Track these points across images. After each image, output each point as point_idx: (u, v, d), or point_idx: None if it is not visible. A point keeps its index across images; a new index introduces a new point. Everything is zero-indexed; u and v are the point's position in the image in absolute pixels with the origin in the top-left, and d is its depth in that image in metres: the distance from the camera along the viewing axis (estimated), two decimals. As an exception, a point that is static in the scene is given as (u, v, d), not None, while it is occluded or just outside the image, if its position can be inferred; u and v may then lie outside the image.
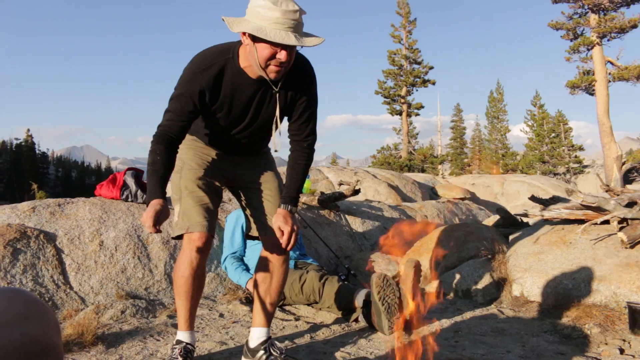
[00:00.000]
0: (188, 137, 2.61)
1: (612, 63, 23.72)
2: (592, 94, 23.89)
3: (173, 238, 2.59)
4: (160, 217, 2.18)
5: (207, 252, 2.56)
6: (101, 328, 3.18)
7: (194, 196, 2.52)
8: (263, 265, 2.68)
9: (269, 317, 2.71)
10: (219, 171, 2.67)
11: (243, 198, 2.75)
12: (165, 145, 2.35)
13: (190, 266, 2.49)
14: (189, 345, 2.58)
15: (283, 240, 2.45)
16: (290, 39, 2.13)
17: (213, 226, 2.55)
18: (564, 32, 24.72)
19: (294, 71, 2.38)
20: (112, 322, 3.33)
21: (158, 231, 2.18)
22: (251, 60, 2.26)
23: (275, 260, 2.65)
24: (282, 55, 2.19)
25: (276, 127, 2.52)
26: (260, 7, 2.14)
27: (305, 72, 2.48)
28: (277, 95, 2.43)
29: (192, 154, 2.62)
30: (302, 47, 2.22)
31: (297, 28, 2.17)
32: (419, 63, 35.55)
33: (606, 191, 4.41)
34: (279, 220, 2.47)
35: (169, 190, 2.59)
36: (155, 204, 2.21)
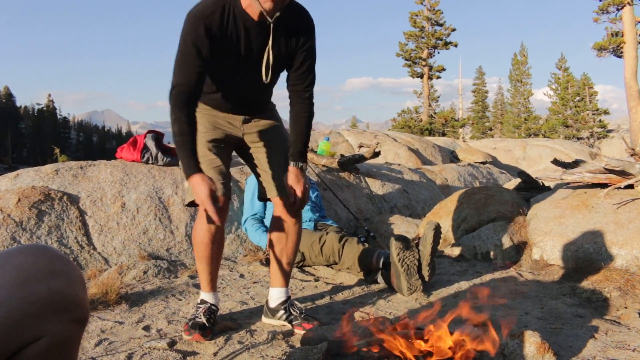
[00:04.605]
0: None
1: (642, 24, 22.92)
2: (620, 57, 23.16)
3: (186, 205, 2.58)
4: (215, 190, 2.23)
5: (224, 217, 2.56)
6: (124, 288, 3.25)
7: (206, 160, 2.49)
8: (276, 226, 2.68)
9: (286, 277, 2.73)
10: (227, 133, 2.63)
11: (252, 160, 2.72)
12: (187, 109, 2.32)
13: (208, 232, 2.51)
14: (213, 306, 2.61)
15: (297, 199, 2.48)
16: None
17: (228, 189, 2.53)
18: (592, -8, 23.86)
19: (292, 19, 2.36)
20: (134, 282, 3.40)
21: (219, 208, 2.22)
22: None
23: (288, 220, 2.65)
24: None
25: (267, 65, 2.43)
26: None
27: (304, 22, 2.45)
28: (271, 27, 2.35)
29: (199, 117, 2.54)
30: None
31: None
32: (441, 25, 34.89)
33: (631, 155, 4.33)
34: (290, 178, 2.49)
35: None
36: (200, 180, 2.22)
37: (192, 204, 2.55)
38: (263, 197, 2.73)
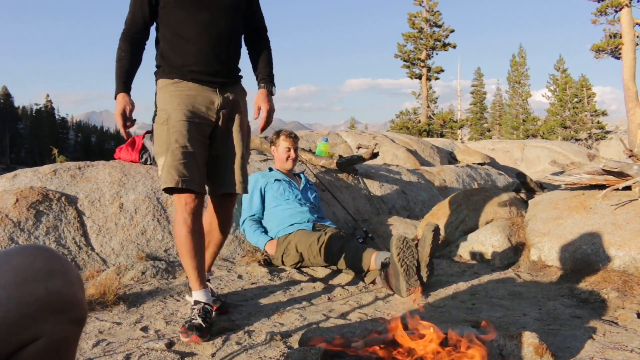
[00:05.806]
0: (166, 81, 2.63)
1: (640, 25, 22.95)
2: (618, 58, 23.20)
3: (163, 190, 2.57)
4: (129, 111, 2.51)
5: (200, 210, 2.59)
6: (122, 288, 3.24)
7: (184, 151, 2.51)
8: (211, 222, 2.86)
9: (209, 265, 2.97)
10: (205, 119, 2.63)
11: (219, 149, 2.73)
12: (130, 42, 2.59)
13: (185, 225, 2.53)
14: (207, 305, 2.60)
15: (262, 119, 2.68)
16: None
17: (203, 184, 2.60)
18: (591, -6, 23.89)
19: None
20: (133, 283, 3.40)
21: (129, 127, 2.52)
22: None
23: (220, 220, 2.84)
24: None
25: None
26: None
27: None
28: None
29: (176, 104, 2.56)
30: None
31: None
32: (440, 26, 34.95)
33: (629, 156, 4.33)
34: (260, 99, 2.71)
35: (155, 145, 2.64)
36: (121, 99, 2.52)
37: (168, 190, 2.56)
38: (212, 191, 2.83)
